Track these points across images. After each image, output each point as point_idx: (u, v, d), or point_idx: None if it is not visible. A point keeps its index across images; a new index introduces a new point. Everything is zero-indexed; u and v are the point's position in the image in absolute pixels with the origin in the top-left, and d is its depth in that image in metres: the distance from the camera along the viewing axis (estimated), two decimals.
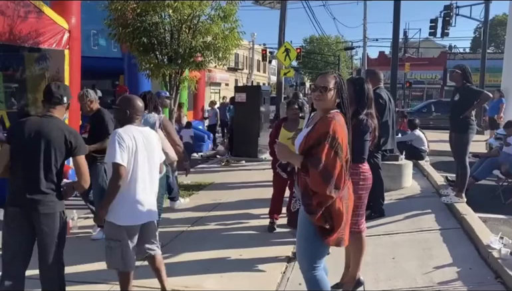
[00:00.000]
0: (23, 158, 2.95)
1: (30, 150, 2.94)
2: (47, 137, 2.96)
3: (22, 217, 2.95)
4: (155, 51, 6.93)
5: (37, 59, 7.91)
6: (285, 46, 13.53)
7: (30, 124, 2.98)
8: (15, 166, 2.96)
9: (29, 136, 2.94)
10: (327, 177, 2.63)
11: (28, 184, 2.93)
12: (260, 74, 54.63)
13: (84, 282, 3.97)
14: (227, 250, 4.79)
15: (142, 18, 6.54)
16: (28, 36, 7.28)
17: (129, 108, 3.31)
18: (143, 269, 3.82)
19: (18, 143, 2.95)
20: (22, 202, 2.93)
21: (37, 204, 2.94)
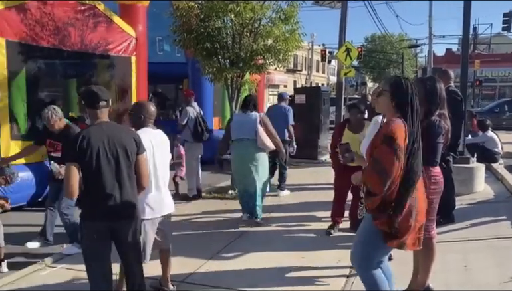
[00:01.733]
0: (105, 169, 2.87)
1: (111, 159, 2.89)
2: (123, 143, 2.95)
3: (106, 229, 2.94)
4: (217, 55, 7.08)
5: (107, 66, 8.38)
6: (346, 46, 13.27)
7: (98, 134, 2.89)
8: (95, 178, 2.86)
9: (104, 146, 2.87)
10: (384, 176, 2.59)
11: (114, 193, 2.90)
12: (319, 74, 54.08)
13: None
14: (288, 252, 4.78)
15: (206, 24, 6.71)
16: (99, 44, 7.72)
17: (143, 113, 3.53)
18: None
19: (94, 156, 2.84)
20: (109, 212, 2.91)
21: (125, 212, 2.98)
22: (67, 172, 2.82)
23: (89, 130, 2.91)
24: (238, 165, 5.86)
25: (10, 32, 6.34)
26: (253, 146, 5.67)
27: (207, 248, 4.88)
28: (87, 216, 2.95)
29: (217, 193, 7.58)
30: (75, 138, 2.85)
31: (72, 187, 2.78)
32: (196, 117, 7.25)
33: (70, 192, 2.80)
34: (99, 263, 2.97)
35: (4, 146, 6.42)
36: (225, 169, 7.54)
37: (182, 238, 5.27)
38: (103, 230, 2.93)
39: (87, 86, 3.13)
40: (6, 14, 6.27)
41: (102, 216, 2.92)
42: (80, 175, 2.84)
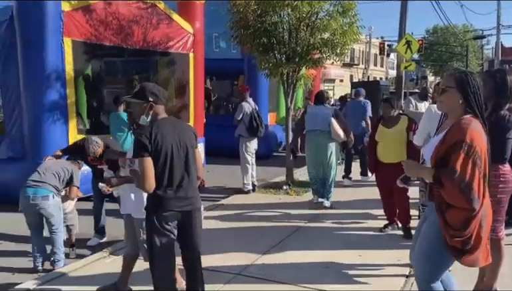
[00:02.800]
0: (177, 161, 2.94)
1: (181, 152, 2.97)
2: (187, 137, 3.06)
3: (175, 220, 2.99)
4: (274, 50, 7.08)
5: (167, 63, 8.64)
6: (406, 38, 12.80)
7: (168, 128, 2.97)
8: (167, 171, 2.92)
9: (175, 139, 2.95)
10: (464, 188, 2.34)
11: (184, 185, 2.98)
12: (377, 68, 52.60)
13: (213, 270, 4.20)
14: (345, 251, 4.70)
15: (262, 19, 6.72)
16: (159, 42, 7.97)
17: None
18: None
19: (168, 149, 2.91)
20: (182, 204, 2.98)
21: (195, 201, 3.07)
22: (144, 165, 2.83)
23: (159, 125, 2.95)
24: (312, 154, 6.40)
25: (76, 33, 6.70)
26: (326, 136, 6.21)
27: (262, 243, 4.90)
28: (157, 208, 2.96)
29: (272, 188, 7.60)
30: (149, 132, 2.87)
31: (150, 179, 2.83)
32: (251, 112, 7.30)
33: (150, 184, 2.83)
34: (163, 256, 3.01)
35: (72, 140, 6.79)
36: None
37: (237, 232, 5.36)
38: (171, 221, 2.97)
39: (149, 83, 3.17)
40: (73, 15, 6.63)
41: (173, 207, 2.96)
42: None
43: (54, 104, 6.51)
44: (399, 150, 4.86)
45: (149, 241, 3.02)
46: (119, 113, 6.94)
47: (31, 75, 6.38)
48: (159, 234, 2.96)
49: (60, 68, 6.48)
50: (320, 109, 6.35)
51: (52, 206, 4.38)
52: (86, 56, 7.16)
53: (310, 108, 6.77)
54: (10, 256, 4.85)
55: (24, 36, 6.30)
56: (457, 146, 2.37)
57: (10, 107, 6.78)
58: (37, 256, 4.41)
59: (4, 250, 5.00)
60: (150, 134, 2.85)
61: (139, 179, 2.88)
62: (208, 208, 6.27)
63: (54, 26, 6.32)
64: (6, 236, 5.42)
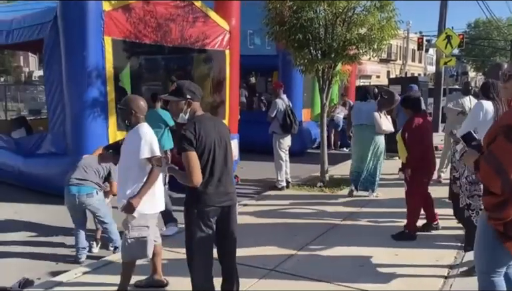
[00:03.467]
0: (218, 156, 3.00)
1: (221, 147, 3.03)
2: (225, 132, 3.13)
3: (214, 214, 3.03)
4: (309, 46, 7.03)
5: (203, 60, 8.73)
6: (446, 33, 12.40)
7: (209, 124, 3.01)
8: (209, 165, 2.97)
9: (216, 135, 3.00)
10: (498, 170, 2.33)
11: (224, 179, 3.03)
12: (414, 64, 51.28)
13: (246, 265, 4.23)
14: (381, 248, 4.63)
15: (298, 15, 6.68)
16: (196, 39, 8.06)
17: (134, 108, 3.47)
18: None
19: (211, 144, 2.96)
20: (222, 199, 3.02)
21: (234, 197, 3.13)
22: (190, 160, 2.87)
23: (200, 121, 2.99)
24: (357, 146, 6.77)
25: (116, 32, 6.87)
26: (371, 130, 6.52)
27: (297, 239, 4.90)
28: (197, 202, 2.99)
29: (306, 185, 7.57)
30: (193, 128, 2.91)
31: (197, 173, 2.88)
32: (285, 109, 7.29)
33: (197, 178, 2.88)
34: (203, 251, 3.05)
35: (112, 136, 7.00)
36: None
37: (271, 228, 5.37)
38: (211, 217, 3.01)
39: (185, 81, 3.19)
40: (113, 14, 6.80)
41: (213, 201, 3.00)
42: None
43: (95, 101, 6.71)
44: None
45: (188, 235, 3.06)
46: (156, 110, 7.08)
47: (73, 73, 6.60)
48: (199, 229, 2.99)
49: (100, 66, 6.68)
50: (364, 105, 6.69)
51: (96, 202, 4.57)
52: (125, 54, 7.35)
53: (356, 104, 7.21)
54: (53, 246, 5.06)
55: (67, 35, 6.52)
56: (502, 130, 2.37)
57: (54, 105, 7.05)
58: (79, 248, 4.59)
59: (48, 241, 5.23)
60: (194, 129, 2.90)
61: (185, 173, 2.90)
62: (242, 204, 6.32)
63: (96, 26, 6.51)
64: (50, 228, 5.65)
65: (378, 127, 6.48)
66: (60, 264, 4.53)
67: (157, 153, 3.45)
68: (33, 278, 4.05)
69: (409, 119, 5.02)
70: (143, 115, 3.53)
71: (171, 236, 5.04)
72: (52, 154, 7.16)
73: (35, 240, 5.28)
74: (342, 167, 9.19)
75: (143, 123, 3.51)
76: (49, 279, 4.06)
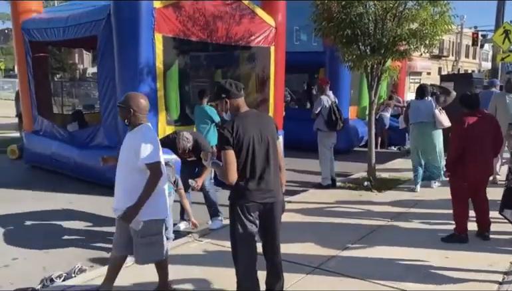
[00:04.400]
0: (258, 154, 2.99)
1: (262, 144, 3.01)
2: (269, 129, 3.11)
3: (256, 210, 3.06)
4: (358, 42, 6.89)
5: (249, 56, 8.77)
6: (504, 28, 11.78)
7: (249, 121, 3.03)
8: (249, 163, 2.99)
9: (256, 132, 3.01)
10: None
11: (266, 176, 3.03)
12: (468, 60, 49.11)
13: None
14: (430, 250, 4.49)
15: (347, 11, 6.56)
16: (242, 36, 8.11)
17: (133, 107, 3.29)
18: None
19: (250, 142, 2.97)
20: (264, 195, 3.04)
21: (277, 194, 3.12)
22: (227, 158, 2.92)
23: (240, 118, 3.03)
24: (417, 142, 7.03)
25: (166, 29, 7.04)
26: (430, 127, 6.86)
27: (342, 238, 4.85)
28: (240, 198, 3.04)
29: (352, 184, 7.45)
30: (231, 126, 2.96)
31: (232, 172, 2.92)
32: (330, 106, 7.19)
33: (232, 177, 2.93)
34: (246, 245, 3.09)
35: (161, 131, 7.19)
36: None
37: (316, 226, 5.33)
38: (253, 212, 3.05)
39: (223, 80, 3.25)
40: (163, 11, 6.97)
41: (255, 197, 3.02)
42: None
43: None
44: None
45: (232, 230, 3.11)
46: (203, 106, 7.21)
47: (125, 69, 6.82)
48: (242, 224, 3.04)
49: (151, 63, 6.86)
50: (422, 103, 6.90)
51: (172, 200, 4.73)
52: (174, 51, 7.50)
53: (413, 102, 7.33)
54: (105, 236, 5.27)
55: (119, 32, 6.74)
56: None
57: (107, 99, 7.32)
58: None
59: (101, 231, 5.45)
60: (232, 127, 2.94)
61: (222, 171, 2.97)
62: (286, 201, 6.29)
63: (147, 23, 6.69)
64: (102, 218, 5.89)
65: (439, 124, 6.77)
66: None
67: (157, 159, 3.25)
68: (86, 266, 4.24)
69: (460, 117, 4.74)
70: (143, 115, 3.32)
71: (216, 230, 5.12)
72: (104, 147, 7.45)
73: (88, 229, 5.53)
74: (391, 166, 8.97)
75: (144, 124, 3.33)
76: (102, 267, 4.22)
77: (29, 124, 9.12)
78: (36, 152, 8.67)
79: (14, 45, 9.22)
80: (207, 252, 4.52)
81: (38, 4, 9.05)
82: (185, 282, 3.85)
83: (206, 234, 5.02)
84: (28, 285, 3.95)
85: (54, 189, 7.24)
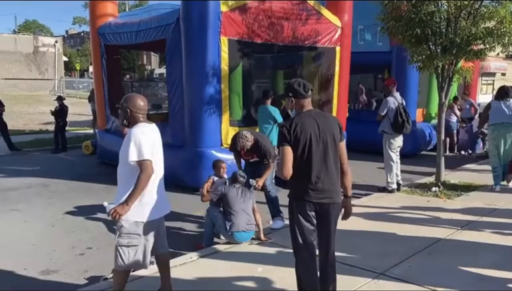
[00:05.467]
0: (315, 153, 3.01)
1: (320, 144, 3.02)
2: (331, 130, 3.08)
3: (313, 210, 3.07)
4: (428, 42, 6.62)
5: (313, 57, 8.72)
6: None
7: (309, 121, 3.04)
8: (306, 162, 3.01)
9: (315, 132, 3.02)
10: None
11: (323, 176, 3.02)
12: None
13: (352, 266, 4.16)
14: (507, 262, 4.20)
15: (417, 9, 6.32)
16: (308, 37, 8.08)
17: (130, 107, 3.27)
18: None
19: (307, 141, 2.99)
20: (319, 195, 3.03)
21: (334, 195, 3.09)
22: (284, 154, 2.96)
23: (301, 117, 3.08)
24: (499, 143, 7.07)
25: (232, 32, 7.19)
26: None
27: (408, 245, 4.68)
28: (296, 196, 3.09)
29: (419, 189, 7.16)
30: (289, 124, 3.01)
31: (287, 167, 2.95)
32: (397, 107, 6.96)
33: (287, 172, 2.95)
34: (304, 243, 3.11)
35: (224, 132, 7.36)
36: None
37: (379, 231, 5.19)
38: (309, 211, 3.06)
39: (294, 79, 3.25)
40: (230, 15, 7.12)
41: (310, 197, 3.03)
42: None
43: (211, 98, 7.10)
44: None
45: (291, 227, 3.15)
46: (266, 106, 7.26)
47: (192, 71, 7.05)
48: (299, 222, 3.08)
49: (216, 65, 7.04)
50: (504, 103, 6.96)
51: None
52: (238, 53, 7.64)
53: (494, 103, 7.26)
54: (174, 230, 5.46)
55: (187, 35, 6.98)
56: None
57: (175, 100, 7.61)
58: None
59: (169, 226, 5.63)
60: (290, 125, 3.01)
61: (279, 167, 3.02)
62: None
63: (213, 26, 6.88)
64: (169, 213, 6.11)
65: None
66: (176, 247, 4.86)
67: (146, 157, 3.14)
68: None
69: None
70: (141, 114, 3.30)
71: (277, 230, 5.15)
72: (170, 145, 7.73)
73: None
74: (461, 171, 8.53)
75: (139, 124, 3.28)
76: None
77: (102, 122, 9.69)
78: (107, 149, 9.21)
79: (91, 48, 9.83)
80: (269, 252, 4.55)
81: (114, 8, 9.58)
82: (248, 280, 3.91)
83: (267, 233, 5.06)
84: (100, 274, 4.21)
85: None
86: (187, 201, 6.70)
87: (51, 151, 10.76)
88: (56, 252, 4.79)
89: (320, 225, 3.13)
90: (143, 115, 3.32)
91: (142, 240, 3.28)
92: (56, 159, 10.43)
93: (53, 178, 8.23)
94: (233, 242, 4.72)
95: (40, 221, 5.72)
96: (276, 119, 7.19)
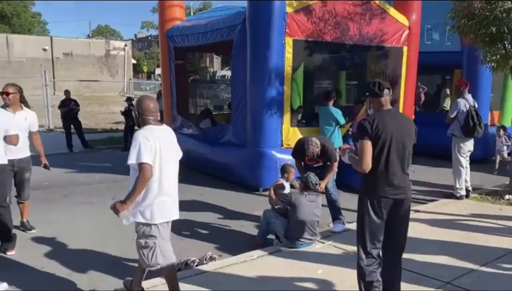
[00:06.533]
0: (394, 151, 3.08)
1: (399, 142, 3.10)
2: (408, 129, 3.19)
3: (386, 206, 3.10)
4: (503, 41, 6.23)
5: (378, 57, 8.51)
6: None
7: (389, 119, 3.12)
8: (383, 158, 3.07)
9: (395, 130, 3.09)
10: None
11: (398, 173, 3.10)
12: None
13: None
14: None
15: (492, 6, 5.98)
16: (374, 37, 7.91)
17: (139, 109, 3.34)
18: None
19: (388, 138, 3.06)
20: (395, 191, 3.10)
21: (407, 191, 3.18)
22: (364, 148, 3.05)
23: (381, 114, 3.16)
24: None
25: (296, 32, 7.20)
26: None
27: (477, 254, 4.45)
28: (370, 192, 3.14)
29: (490, 196, 6.77)
30: (371, 119, 3.09)
31: (367, 160, 3.04)
32: (468, 110, 6.62)
33: (366, 165, 3.04)
34: (372, 239, 3.14)
35: (285, 132, 7.38)
36: None
37: (446, 239, 4.97)
38: (383, 207, 3.10)
39: (374, 80, 3.35)
40: (295, 16, 7.13)
41: (386, 193, 3.09)
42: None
43: (273, 99, 7.15)
44: None
45: (360, 222, 3.20)
46: (328, 107, 7.20)
47: (257, 72, 7.14)
48: (369, 217, 3.13)
49: (280, 66, 7.09)
50: None
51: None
52: (302, 53, 7.62)
53: None
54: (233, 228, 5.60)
55: (253, 36, 7.08)
56: None
57: (237, 101, 7.75)
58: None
59: (227, 224, 5.78)
60: (373, 121, 3.08)
61: (357, 160, 3.11)
62: (414, 209, 5.98)
63: (279, 27, 6.93)
64: (230, 212, 6.27)
65: None
66: (237, 245, 4.97)
67: (144, 160, 3.14)
68: (216, 255, 4.54)
69: None
70: (151, 117, 3.33)
71: (338, 233, 5.09)
72: (233, 145, 7.90)
73: (217, 221, 5.91)
74: None
75: (146, 126, 3.30)
76: (229, 257, 4.50)
77: (169, 122, 10.07)
78: None
79: (160, 50, 10.25)
80: (330, 254, 4.52)
81: (181, 12, 9.93)
82: (308, 281, 3.91)
83: (328, 236, 5.02)
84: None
85: (188, 182, 7.87)
86: (248, 200, 6.81)
87: (121, 149, 11.35)
88: (124, 243, 5.06)
89: (393, 220, 3.15)
90: (154, 117, 3.36)
91: (158, 242, 3.33)
92: (125, 156, 10.73)
93: (123, 174, 8.61)
94: (291, 246, 4.71)
95: (111, 214, 6.05)
96: (339, 120, 7.11)
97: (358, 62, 9.02)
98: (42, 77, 11.61)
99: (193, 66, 26.96)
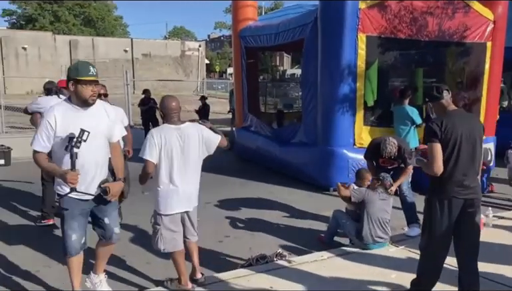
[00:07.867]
0: (464, 151, 3.06)
1: (470, 143, 3.08)
2: (478, 130, 3.18)
3: (455, 207, 3.08)
4: None
5: (459, 53, 8.02)
6: None
7: (459, 120, 3.11)
8: (454, 159, 3.05)
9: (465, 131, 3.07)
10: None
11: (471, 175, 3.10)
12: None
13: None
14: None
15: None
16: (454, 32, 7.48)
17: (161, 108, 3.59)
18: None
19: (458, 139, 3.04)
20: (466, 192, 3.08)
21: (478, 191, 3.16)
22: (433, 150, 3.03)
23: (450, 115, 3.13)
24: None
25: (371, 28, 7.00)
26: None
27: None
28: (439, 193, 3.10)
29: None
30: (440, 121, 3.07)
31: (438, 163, 3.01)
32: None
33: (438, 168, 3.02)
34: (439, 240, 3.10)
35: (358, 131, 7.21)
36: None
37: None
38: (453, 208, 3.06)
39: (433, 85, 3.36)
40: (368, 12, 6.94)
41: (456, 194, 3.07)
42: None
43: (345, 97, 7.03)
44: None
45: (427, 224, 3.18)
46: (404, 106, 6.90)
47: (328, 69, 7.05)
48: (437, 219, 3.10)
49: (353, 63, 6.94)
50: None
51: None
52: (376, 50, 7.38)
53: None
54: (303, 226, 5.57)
55: (325, 34, 7.01)
56: None
57: (308, 100, 7.71)
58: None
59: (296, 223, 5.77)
60: (442, 122, 3.06)
61: (428, 163, 3.09)
62: (497, 216, 5.59)
63: (351, 24, 6.79)
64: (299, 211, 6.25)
65: None
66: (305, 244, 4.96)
67: (146, 157, 3.46)
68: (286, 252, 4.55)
69: None
70: (171, 115, 3.57)
71: (413, 238, 4.88)
72: (303, 144, 7.87)
73: (286, 219, 5.92)
74: None
75: (162, 125, 3.63)
76: (296, 257, 4.47)
77: (240, 120, 10.27)
78: (244, 145, 9.72)
79: (233, 50, 10.48)
80: (404, 259, 4.35)
81: (254, 12, 10.07)
82: (381, 285, 3.80)
83: (402, 240, 4.84)
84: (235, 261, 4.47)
85: (257, 179, 8.00)
86: (317, 200, 6.76)
87: None
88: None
89: (464, 220, 3.09)
90: (174, 115, 3.58)
91: (161, 230, 3.59)
92: None
93: None
94: (363, 247, 4.60)
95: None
96: (414, 120, 6.79)
97: (436, 59, 8.53)
98: (123, 77, 12.31)
99: (263, 65, 27.22)
